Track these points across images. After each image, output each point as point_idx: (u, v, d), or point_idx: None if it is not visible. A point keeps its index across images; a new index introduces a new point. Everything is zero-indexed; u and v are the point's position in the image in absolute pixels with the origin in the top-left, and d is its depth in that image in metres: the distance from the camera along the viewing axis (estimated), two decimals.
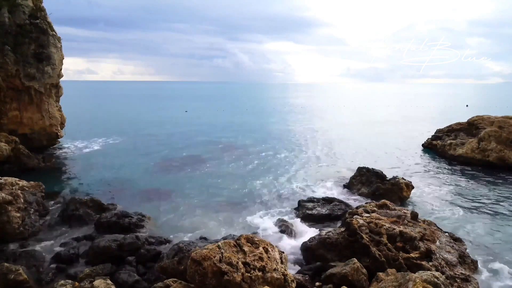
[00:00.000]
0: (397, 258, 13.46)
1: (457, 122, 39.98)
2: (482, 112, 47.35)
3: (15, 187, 18.76)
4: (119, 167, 31.28)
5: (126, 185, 25.92)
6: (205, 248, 11.45)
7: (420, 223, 16.11)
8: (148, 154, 36.32)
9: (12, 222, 16.65)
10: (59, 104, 37.01)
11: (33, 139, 33.74)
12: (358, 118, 72.97)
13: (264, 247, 12.15)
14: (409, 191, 23.49)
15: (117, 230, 17.49)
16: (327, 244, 14.97)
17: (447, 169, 31.13)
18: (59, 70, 34.64)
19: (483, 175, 28.88)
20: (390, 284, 11.18)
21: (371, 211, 17.05)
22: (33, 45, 32.22)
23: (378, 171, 25.02)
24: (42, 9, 33.75)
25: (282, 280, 11.28)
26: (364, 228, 14.78)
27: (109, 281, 11.98)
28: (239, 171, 30.26)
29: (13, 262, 14.28)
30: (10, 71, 31.02)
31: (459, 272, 13.30)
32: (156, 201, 22.77)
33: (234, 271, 10.86)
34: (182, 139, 45.40)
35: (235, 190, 25.17)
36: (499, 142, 31.48)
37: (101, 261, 14.66)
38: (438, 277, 10.74)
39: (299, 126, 59.40)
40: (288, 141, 45.15)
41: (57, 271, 14.41)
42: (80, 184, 26.21)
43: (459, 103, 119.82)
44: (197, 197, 23.65)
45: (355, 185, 25.22)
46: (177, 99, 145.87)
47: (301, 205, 21.06)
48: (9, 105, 32.12)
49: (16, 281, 12.57)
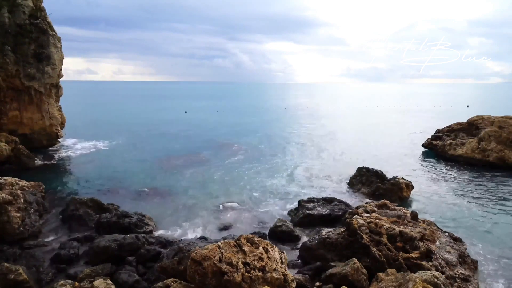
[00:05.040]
0: (397, 258, 13.46)
1: (457, 122, 39.98)
2: (482, 112, 47.37)
3: (15, 187, 18.77)
4: (119, 167, 31.28)
5: (126, 185, 25.92)
6: (205, 248, 11.45)
7: (420, 223, 16.11)
8: (148, 154, 36.33)
9: (12, 222, 16.66)
10: (59, 104, 37.02)
11: (33, 139, 33.76)
12: (358, 118, 73.00)
13: (264, 247, 12.15)
14: (409, 191, 23.49)
15: (117, 230, 17.48)
16: (327, 244, 14.97)
17: (447, 169, 31.12)
18: (59, 70, 34.65)
19: (483, 175, 28.87)
20: (390, 284, 11.18)
21: (371, 211, 17.06)
22: (33, 45, 32.25)
23: (378, 171, 25.03)
24: (42, 9, 33.78)
25: (282, 280, 11.28)
26: (364, 228, 14.78)
27: (109, 281, 11.98)
28: (239, 171, 30.26)
29: (13, 262, 14.30)
30: (10, 71, 31.03)
31: (459, 272, 13.29)
32: (156, 201, 22.78)
33: (234, 271, 10.85)
34: (182, 139, 45.42)
35: (235, 190, 25.17)
36: (499, 142, 31.48)
37: (101, 261, 14.66)
38: (438, 277, 10.74)
39: (299, 126, 59.41)
40: (288, 141, 45.17)
41: (57, 271, 14.41)
42: (80, 184, 26.21)
43: (459, 103, 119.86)
44: (197, 197, 23.65)
45: (355, 185, 25.22)
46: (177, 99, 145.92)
47: (301, 205, 21.05)
48: (9, 105, 32.14)
49: (16, 281, 12.56)
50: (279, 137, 47.57)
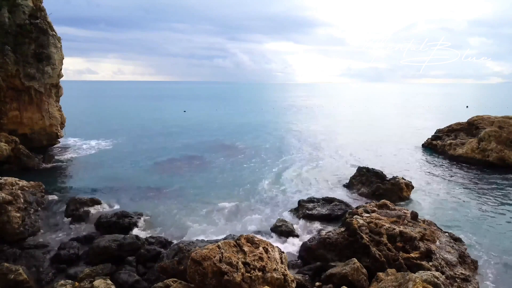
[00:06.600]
0: (397, 258, 13.46)
1: (457, 122, 40.00)
2: (482, 112, 47.37)
3: (15, 187, 18.76)
4: (119, 167, 31.28)
5: (126, 185, 25.91)
6: (205, 248, 11.45)
7: (420, 223, 16.11)
8: (148, 154, 36.31)
9: (12, 222, 16.66)
10: (59, 104, 37.01)
11: (33, 139, 33.74)
12: (358, 118, 72.98)
13: (264, 247, 12.15)
14: (409, 191, 23.49)
15: (117, 230, 17.49)
16: (327, 244, 14.97)
17: (447, 169, 31.11)
18: (59, 70, 34.64)
19: (483, 175, 28.86)
20: (390, 284, 11.17)
21: (371, 211, 17.05)
22: (33, 45, 32.24)
23: (378, 171, 25.03)
24: (42, 9, 33.75)
25: (282, 280, 11.28)
26: (364, 228, 14.79)
27: (109, 281, 11.99)
28: (239, 171, 30.26)
29: (13, 262, 14.30)
30: (10, 71, 31.02)
31: (459, 272, 13.29)
32: (156, 201, 22.77)
33: (234, 271, 10.85)
34: (182, 139, 45.39)
35: (235, 190, 25.16)
36: (499, 142, 31.48)
37: (101, 261, 14.66)
38: (438, 277, 10.75)
39: (298, 126, 59.38)
40: (288, 141, 45.15)
41: (57, 271, 14.42)
42: (80, 184, 26.19)
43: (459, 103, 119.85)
44: (197, 197, 23.65)
45: (355, 185, 25.22)
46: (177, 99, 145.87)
47: (301, 205, 21.06)
48: (9, 105, 32.12)
49: (16, 281, 12.57)
50: (279, 137, 47.56)
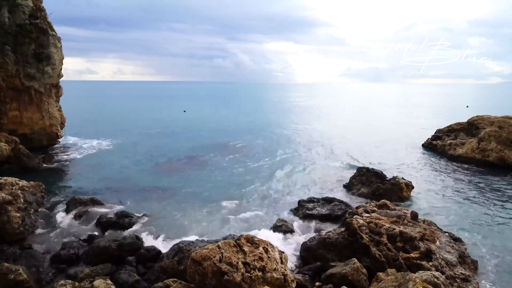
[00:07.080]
0: (397, 258, 13.46)
1: (457, 122, 39.99)
2: (482, 112, 47.35)
3: (15, 187, 18.76)
4: (119, 167, 31.28)
5: (126, 185, 25.91)
6: (205, 248, 11.45)
7: (420, 223, 16.11)
8: (147, 154, 36.31)
9: (12, 222, 16.66)
10: (59, 104, 37.01)
11: (33, 139, 33.74)
12: (358, 118, 73.00)
13: (264, 247, 12.15)
14: (409, 191, 23.49)
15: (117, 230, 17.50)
16: (327, 244, 14.97)
17: (447, 169, 31.11)
18: (59, 70, 34.64)
19: (483, 175, 28.86)
20: (390, 284, 11.17)
21: (371, 211, 17.06)
22: (33, 45, 32.24)
23: (378, 171, 25.03)
24: (42, 9, 33.75)
25: (282, 280, 11.28)
26: (364, 228, 14.79)
27: (109, 281, 11.98)
28: (239, 171, 30.26)
29: (13, 262, 14.29)
30: (10, 71, 31.03)
31: (459, 272, 13.30)
32: (156, 201, 22.77)
33: (234, 271, 10.85)
34: (181, 139, 45.40)
35: (235, 190, 25.16)
36: (499, 142, 31.47)
37: (101, 261, 14.67)
38: (438, 277, 10.74)
39: (299, 126, 59.40)
40: (288, 141, 45.16)
41: (57, 271, 14.42)
42: (80, 184, 26.19)
43: (459, 103, 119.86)
44: (197, 197, 23.65)
45: (355, 185, 25.21)
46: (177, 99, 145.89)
47: (301, 205, 21.06)
48: (9, 105, 32.12)
49: (16, 281, 12.57)
50: (279, 137, 47.57)
